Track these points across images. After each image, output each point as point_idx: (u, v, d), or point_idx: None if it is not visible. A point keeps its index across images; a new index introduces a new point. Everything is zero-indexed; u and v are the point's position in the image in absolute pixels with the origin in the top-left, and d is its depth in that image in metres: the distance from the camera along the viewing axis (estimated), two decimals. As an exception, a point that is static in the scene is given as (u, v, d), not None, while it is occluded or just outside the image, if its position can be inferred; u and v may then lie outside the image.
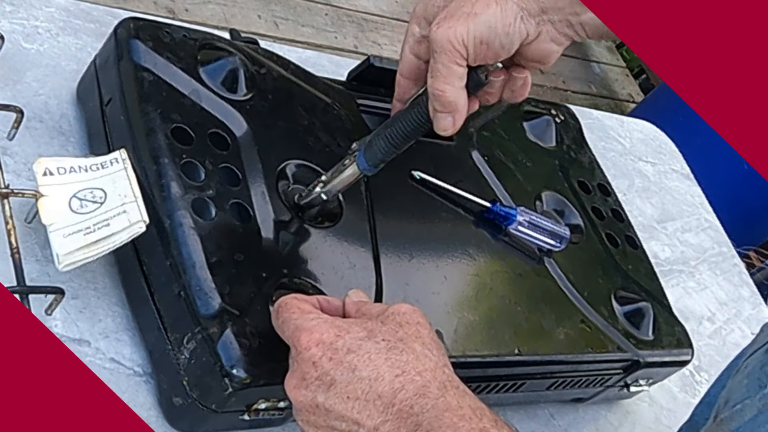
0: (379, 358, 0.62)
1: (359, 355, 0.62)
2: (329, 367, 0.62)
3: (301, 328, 0.63)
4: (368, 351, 0.62)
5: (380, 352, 0.62)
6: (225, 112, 0.75)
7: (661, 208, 1.25)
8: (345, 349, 0.62)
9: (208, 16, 2.44)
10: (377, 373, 0.61)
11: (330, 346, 0.62)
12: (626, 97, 3.40)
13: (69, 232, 0.66)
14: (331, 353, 0.62)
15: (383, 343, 0.63)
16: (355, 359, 0.62)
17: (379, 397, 0.61)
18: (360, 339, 0.63)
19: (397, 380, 0.61)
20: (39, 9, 0.82)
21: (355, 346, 0.62)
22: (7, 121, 0.72)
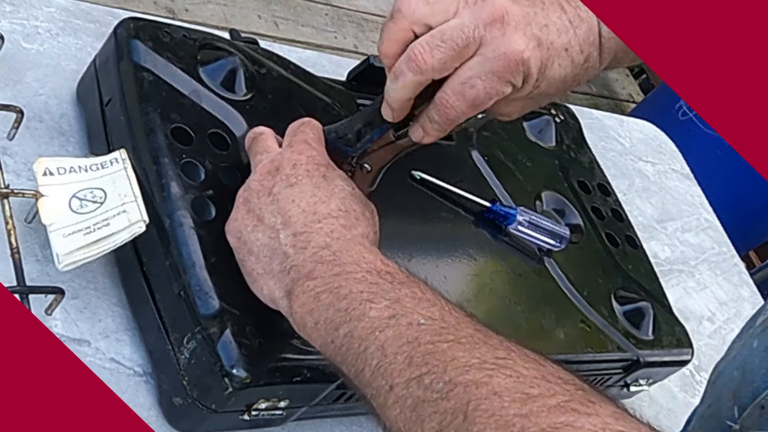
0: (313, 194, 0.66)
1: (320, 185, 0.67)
2: (300, 173, 0.67)
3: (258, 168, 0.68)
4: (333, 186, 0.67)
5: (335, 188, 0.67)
6: (225, 112, 0.75)
7: (661, 208, 1.25)
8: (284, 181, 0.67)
9: (208, 16, 2.44)
10: (320, 198, 0.66)
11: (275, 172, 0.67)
12: (626, 97, 3.40)
13: (69, 232, 0.66)
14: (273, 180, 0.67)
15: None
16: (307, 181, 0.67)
17: (314, 212, 0.65)
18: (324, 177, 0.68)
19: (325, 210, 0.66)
20: (39, 9, 0.82)
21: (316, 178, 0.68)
22: (7, 121, 0.72)
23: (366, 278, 0.61)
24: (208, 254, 0.66)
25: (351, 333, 0.59)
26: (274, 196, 0.66)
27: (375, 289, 0.60)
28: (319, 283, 0.62)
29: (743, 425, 0.56)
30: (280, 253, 0.64)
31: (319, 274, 0.62)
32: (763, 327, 0.59)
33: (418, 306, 0.59)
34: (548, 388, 0.52)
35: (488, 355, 0.54)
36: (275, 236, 0.65)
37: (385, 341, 0.57)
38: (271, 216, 0.66)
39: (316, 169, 0.68)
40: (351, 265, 0.62)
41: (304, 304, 0.62)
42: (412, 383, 0.54)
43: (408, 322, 0.57)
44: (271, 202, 0.66)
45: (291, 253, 0.64)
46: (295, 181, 0.67)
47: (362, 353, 0.58)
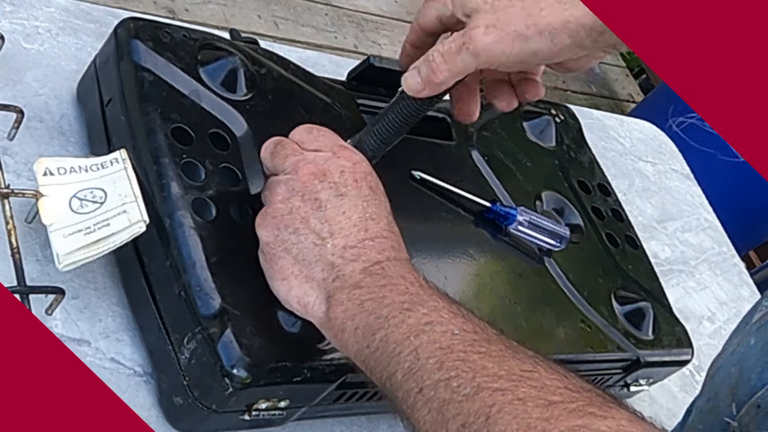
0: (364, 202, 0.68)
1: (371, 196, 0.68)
2: (348, 183, 0.67)
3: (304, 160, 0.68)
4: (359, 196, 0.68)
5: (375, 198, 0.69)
6: (225, 112, 0.75)
7: (661, 208, 1.25)
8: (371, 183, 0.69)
9: (208, 16, 2.44)
10: (372, 212, 0.67)
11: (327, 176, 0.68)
12: (626, 97, 3.40)
13: (69, 232, 0.66)
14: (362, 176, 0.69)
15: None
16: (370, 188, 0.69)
17: (366, 230, 0.66)
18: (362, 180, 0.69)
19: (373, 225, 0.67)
20: (39, 9, 0.82)
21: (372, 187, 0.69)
22: (7, 121, 0.72)
23: (409, 290, 0.63)
24: (208, 254, 0.66)
25: (387, 337, 0.61)
26: (322, 203, 0.66)
27: (416, 299, 0.62)
28: (365, 292, 0.63)
29: (741, 422, 0.56)
30: (325, 261, 0.65)
31: (366, 284, 0.64)
32: (759, 324, 0.60)
33: (454, 319, 0.61)
34: (569, 396, 0.55)
35: (516, 368, 0.57)
36: (322, 244, 0.65)
37: (419, 346, 0.59)
38: (318, 223, 0.66)
39: (363, 179, 0.68)
40: (397, 278, 0.64)
41: (347, 309, 0.63)
42: (440, 385, 0.57)
43: (443, 330, 0.60)
44: (317, 208, 0.66)
45: (339, 263, 0.65)
46: (344, 191, 0.67)
47: (396, 356, 0.60)
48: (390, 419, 0.78)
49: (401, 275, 0.64)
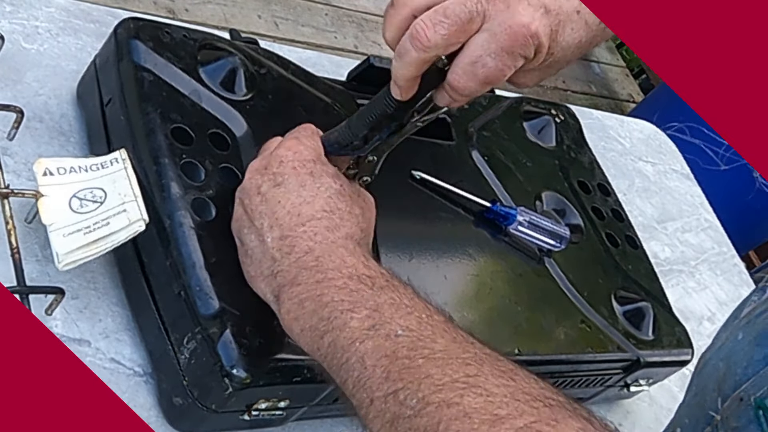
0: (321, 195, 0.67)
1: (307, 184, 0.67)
2: (286, 171, 0.66)
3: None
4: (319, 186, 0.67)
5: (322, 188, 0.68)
6: (225, 112, 0.75)
7: (661, 208, 1.25)
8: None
9: (208, 16, 2.44)
10: (306, 197, 0.66)
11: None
12: (626, 97, 3.40)
13: (69, 232, 0.66)
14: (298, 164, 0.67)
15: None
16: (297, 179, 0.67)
17: (299, 215, 0.65)
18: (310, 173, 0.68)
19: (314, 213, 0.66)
20: (39, 9, 0.82)
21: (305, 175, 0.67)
22: (7, 121, 0.72)
23: (347, 285, 0.62)
24: (208, 254, 0.66)
25: (334, 343, 0.60)
26: (263, 195, 0.66)
27: (355, 297, 0.61)
28: (302, 290, 0.62)
29: (723, 415, 0.56)
30: (268, 256, 0.65)
31: (302, 280, 0.63)
32: (748, 319, 0.60)
33: (396, 314, 0.60)
34: (516, 408, 0.53)
35: (460, 372, 0.55)
36: (263, 239, 0.65)
37: (365, 353, 0.58)
38: (260, 217, 0.66)
39: (302, 166, 0.67)
40: (333, 271, 0.63)
41: (289, 311, 0.63)
42: (389, 398, 0.56)
43: (386, 333, 0.59)
44: (260, 203, 0.66)
45: (278, 257, 0.64)
46: (281, 180, 0.67)
47: (345, 364, 0.59)
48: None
49: (337, 266, 0.63)
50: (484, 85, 0.65)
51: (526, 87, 0.72)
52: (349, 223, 0.66)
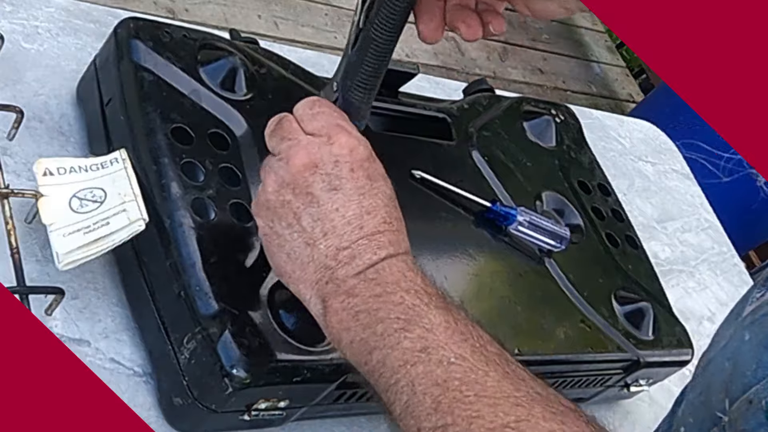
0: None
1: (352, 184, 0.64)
2: (348, 176, 0.64)
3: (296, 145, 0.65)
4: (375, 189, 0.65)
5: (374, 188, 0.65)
6: (225, 112, 0.75)
7: (661, 208, 1.25)
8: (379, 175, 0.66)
9: (208, 16, 2.44)
10: (369, 206, 0.63)
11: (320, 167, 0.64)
12: (626, 97, 3.40)
13: (69, 231, 0.66)
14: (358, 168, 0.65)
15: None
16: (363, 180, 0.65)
17: (361, 228, 0.63)
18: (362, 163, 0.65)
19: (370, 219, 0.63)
20: (39, 9, 0.82)
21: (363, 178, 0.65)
22: (7, 121, 0.72)
23: (404, 300, 0.60)
24: (208, 254, 0.66)
25: (383, 361, 0.59)
26: (314, 197, 0.63)
27: (410, 314, 0.60)
28: (359, 302, 0.61)
29: (731, 417, 0.56)
30: (319, 263, 0.62)
31: (359, 292, 0.61)
32: (753, 318, 0.59)
33: (450, 339, 0.59)
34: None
35: (511, 415, 0.55)
36: (314, 244, 0.63)
37: (415, 378, 0.58)
38: (311, 220, 0.63)
39: (360, 167, 0.64)
40: (392, 285, 0.61)
41: (342, 320, 0.61)
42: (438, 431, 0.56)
43: (438, 359, 0.58)
44: (310, 203, 0.63)
45: (332, 265, 0.62)
46: (338, 184, 0.63)
47: (393, 385, 0.59)
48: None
49: (397, 281, 0.61)
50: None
51: (545, 17, 0.71)
52: (404, 234, 0.65)
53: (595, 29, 3.49)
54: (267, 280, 0.68)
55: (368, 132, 0.83)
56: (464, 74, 2.89)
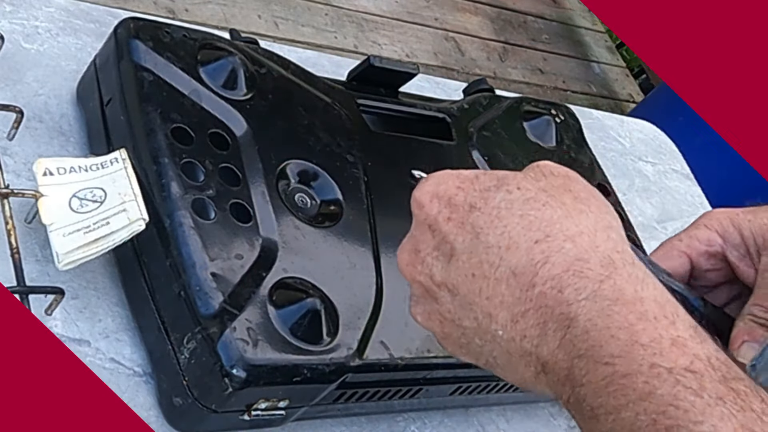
0: (510, 216, 0.44)
1: (484, 212, 0.45)
2: (447, 231, 0.46)
3: (419, 185, 0.49)
4: (496, 206, 0.45)
5: (512, 207, 0.45)
6: (225, 112, 0.75)
7: (661, 208, 1.25)
8: (467, 206, 0.46)
9: (208, 16, 2.44)
10: (509, 237, 0.44)
11: (448, 201, 0.46)
12: (626, 97, 3.40)
13: (69, 231, 0.66)
14: (449, 211, 0.46)
15: (517, 192, 0.45)
16: (479, 218, 0.45)
17: (514, 275, 0.43)
18: (486, 190, 0.46)
19: (538, 248, 0.43)
20: (39, 9, 0.82)
21: (480, 199, 0.45)
22: (7, 121, 0.72)
23: (653, 388, 0.41)
24: (208, 254, 0.66)
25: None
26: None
27: (672, 416, 0.40)
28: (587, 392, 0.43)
29: None
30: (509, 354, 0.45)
31: (584, 383, 0.43)
32: None
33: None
34: None
35: None
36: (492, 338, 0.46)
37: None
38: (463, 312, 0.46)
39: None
40: (631, 366, 0.41)
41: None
42: None
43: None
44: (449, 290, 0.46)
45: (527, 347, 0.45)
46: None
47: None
48: (390, 419, 0.78)
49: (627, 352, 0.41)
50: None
51: None
52: (575, 225, 0.46)
53: (595, 29, 3.49)
54: (267, 280, 0.68)
55: (368, 132, 0.84)
56: (464, 74, 2.88)
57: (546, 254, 0.43)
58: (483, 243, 0.44)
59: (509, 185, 0.46)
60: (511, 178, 0.46)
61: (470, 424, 0.83)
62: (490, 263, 0.44)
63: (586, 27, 3.47)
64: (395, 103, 0.88)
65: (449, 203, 0.46)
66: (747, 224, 0.57)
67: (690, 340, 0.41)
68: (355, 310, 0.71)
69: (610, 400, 0.41)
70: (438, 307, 0.47)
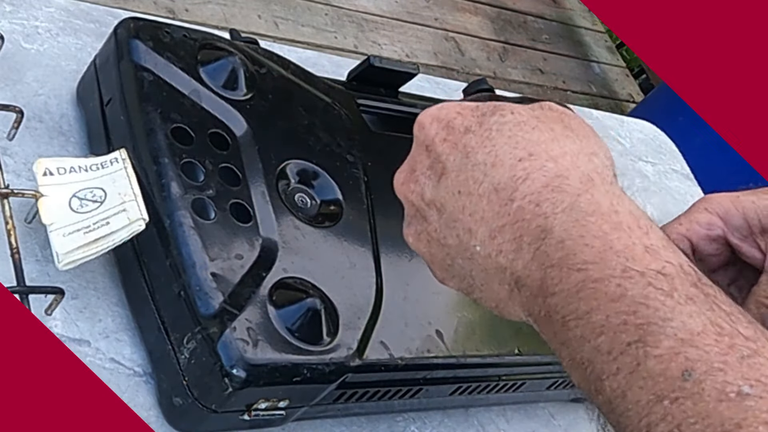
0: (500, 137, 0.46)
1: (477, 133, 0.46)
2: (441, 151, 0.47)
3: (424, 110, 0.50)
4: (489, 128, 0.46)
5: (503, 129, 0.46)
6: (225, 112, 0.75)
7: (661, 208, 1.25)
8: (463, 128, 0.47)
9: (208, 16, 2.44)
10: (495, 155, 0.45)
11: (447, 124, 0.48)
12: (626, 97, 3.40)
13: (69, 231, 0.66)
14: (446, 133, 0.48)
15: (510, 116, 0.46)
16: (471, 139, 0.46)
17: (495, 191, 0.45)
18: (483, 115, 0.47)
19: (520, 166, 0.45)
20: (39, 9, 0.82)
21: (475, 123, 0.47)
22: (7, 121, 0.72)
23: (624, 290, 0.41)
24: (208, 254, 0.66)
25: (624, 394, 0.40)
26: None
27: (643, 314, 0.40)
28: (558, 302, 0.44)
29: None
30: (490, 271, 0.48)
31: (557, 291, 0.44)
32: None
33: (728, 352, 0.38)
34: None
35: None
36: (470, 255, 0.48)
37: (682, 422, 0.38)
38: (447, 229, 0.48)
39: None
40: (595, 265, 0.42)
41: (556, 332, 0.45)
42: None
43: (720, 390, 0.37)
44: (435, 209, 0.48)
45: (503, 263, 0.47)
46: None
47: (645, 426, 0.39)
48: (390, 419, 0.78)
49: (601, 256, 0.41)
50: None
51: None
52: (559, 147, 0.47)
53: (595, 29, 3.49)
54: (267, 280, 0.68)
55: (368, 132, 0.84)
56: (464, 74, 2.89)
57: (527, 171, 0.44)
58: (471, 161, 0.46)
59: (504, 110, 0.47)
60: (508, 105, 0.48)
61: (470, 424, 0.83)
62: (475, 179, 0.46)
63: (586, 27, 3.47)
64: (395, 103, 0.88)
65: (447, 126, 0.48)
66: (750, 205, 0.58)
67: (662, 249, 0.42)
68: (355, 310, 0.71)
69: (581, 305, 0.42)
70: (426, 226, 0.49)
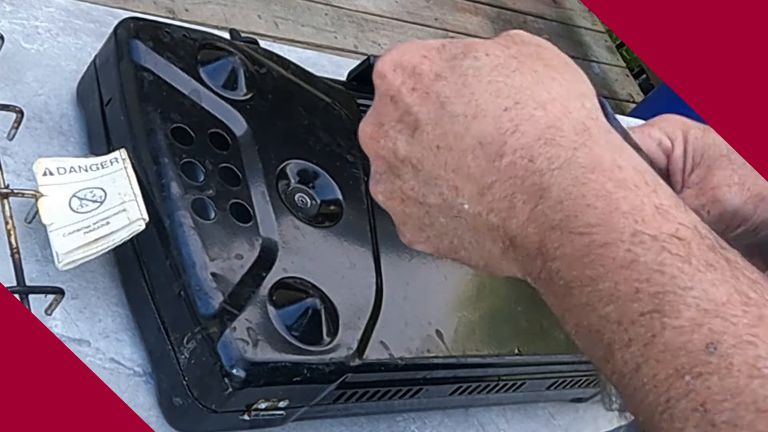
0: (478, 83, 0.41)
1: (451, 80, 0.42)
2: (411, 102, 0.42)
3: (382, 56, 0.45)
4: (463, 73, 0.42)
5: (480, 74, 0.42)
6: (225, 112, 0.75)
7: (661, 208, 1.25)
8: (432, 75, 0.43)
9: (208, 16, 2.44)
10: (476, 105, 0.41)
11: (413, 71, 0.43)
12: (626, 97, 3.40)
13: (69, 231, 0.66)
14: (413, 81, 0.43)
15: (486, 59, 0.42)
16: (445, 87, 0.42)
17: (481, 145, 0.41)
18: (453, 58, 0.43)
19: (507, 116, 0.41)
20: (39, 9, 0.82)
21: (446, 68, 0.42)
22: (7, 121, 0.72)
23: (635, 255, 0.38)
24: (208, 254, 0.66)
25: (637, 366, 0.38)
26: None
27: (659, 282, 0.37)
28: (563, 267, 0.40)
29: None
30: (479, 230, 0.43)
31: (558, 256, 0.40)
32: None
33: (754, 320, 0.36)
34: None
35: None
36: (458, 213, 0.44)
37: (708, 397, 0.35)
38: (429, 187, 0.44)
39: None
40: (607, 231, 0.39)
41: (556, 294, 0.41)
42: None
43: (743, 361, 0.35)
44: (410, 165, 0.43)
45: (495, 222, 0.42)
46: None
47: (662, 404, 0.37)
48: (390, 419, 0.78)
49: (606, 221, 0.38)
50: None
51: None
52: (546, 91, 0.43)
53: (595, 29, 3.49)
54: (267, 280, 0.68)
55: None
56: (464, 74, 2.88)
57: (515, 122, 0.40)
58: (449, 113, 0.41)
59: (477, 52, 0.42)
60: (480, 45, 0.43)
61: (470, 424, 0.83)
62: (456, 133, 0.41)
63: (586, 27, 3.47)
64: (395, 103, 0.88)
65: (413, 73, 0.43)
66: (693, 139, 0.57)
67: (673, 208, 0.39)
68: (355, 310, 0.71)
69: (585, 271, 0.39)
70: (401, 184, 0.44)
